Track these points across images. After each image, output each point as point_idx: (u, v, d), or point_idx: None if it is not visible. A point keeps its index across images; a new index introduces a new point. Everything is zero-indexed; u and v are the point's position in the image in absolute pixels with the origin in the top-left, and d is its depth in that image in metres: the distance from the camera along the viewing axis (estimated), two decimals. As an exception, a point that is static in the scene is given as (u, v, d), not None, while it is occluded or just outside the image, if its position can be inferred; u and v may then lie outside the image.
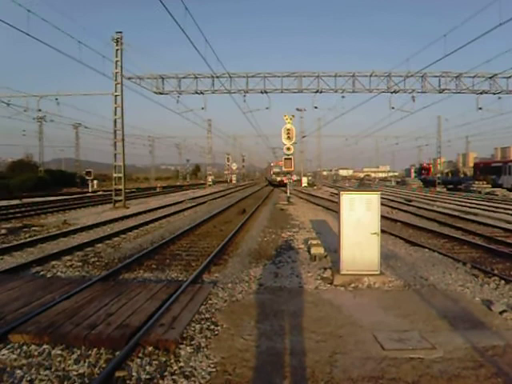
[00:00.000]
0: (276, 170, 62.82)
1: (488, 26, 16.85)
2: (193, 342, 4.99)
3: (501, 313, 6.15)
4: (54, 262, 9.74)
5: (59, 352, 4.74)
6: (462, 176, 71.63)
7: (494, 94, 30.43)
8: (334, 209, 7.61)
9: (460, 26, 19.50)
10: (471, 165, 74.94)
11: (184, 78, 30.54)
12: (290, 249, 11.33)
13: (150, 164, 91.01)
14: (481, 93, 30.61)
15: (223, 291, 7.21)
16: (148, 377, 4.18)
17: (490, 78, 29.65)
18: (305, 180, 62.63)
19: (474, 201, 30.93)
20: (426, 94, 30.86)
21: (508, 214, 21.11)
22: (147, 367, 4.37)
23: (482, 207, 25.01)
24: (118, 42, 24.01)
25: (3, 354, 4.66)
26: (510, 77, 29.45)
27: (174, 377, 4.17)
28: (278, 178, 60.39)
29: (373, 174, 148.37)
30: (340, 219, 7.78)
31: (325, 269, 8.66)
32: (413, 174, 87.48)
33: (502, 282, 8.23)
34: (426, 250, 11.46)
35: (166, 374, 4.24)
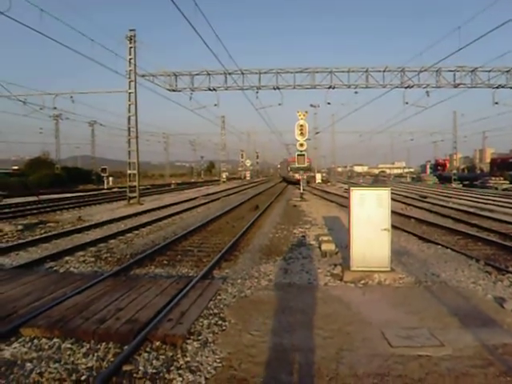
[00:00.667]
0: (294, 165, 59.03)
1: (503, 18, 16.53)
2: (200, 337, 5.02)
3: (513, 310, 6.06)
4: (67, 258, 9.88)
5: (69, 346, 4.82)
6: (478, 172, 70.59)
7: (511, 88, 29.88)
8: (348, 205, 7.57)
9: (475, 18, 19.16)
10: (488, 161, 73.80)
11: (197, 74, 30.62)
12: (301, 245, 11.31)
13: (164, 161, 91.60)
14: (497, 87, 30.10)
15: (233, 287, 7.22)
16: (154, 371, 4.22)
17: (507, 72, 29.12)
18: (319, 176, 62.28)
19: (490, 197, 30.47)
20: (440, 89, 30.48)
21: (525, 210, 20.74)
22: (154, 361, 4.41)
23: (499, 203, 24.63)
24: (131, 39, 24.17)
25: (14, 348, 4.75)
26: (527, 70, 28.89)
27: (179, 371, 4.20)
28: (297, 175, 54.15)
29: (388, 171, 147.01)
30: (350, 215, 7.73)
31: (335, 265, 8.63)
32: (428, 170, 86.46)
33: (516, 279, 8.10)
34: (439, 246, 11.33)
35: (172, 368, 4.27)
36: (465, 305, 6.33)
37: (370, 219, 7.62)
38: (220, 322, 5.55)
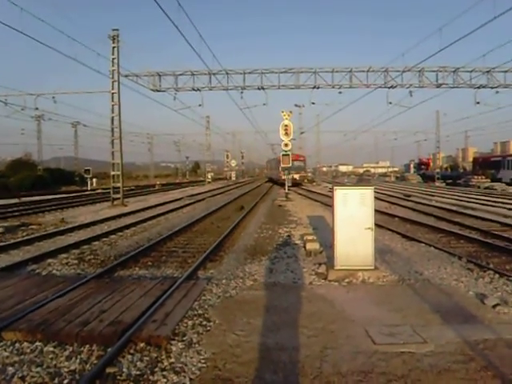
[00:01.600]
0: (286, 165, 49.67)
1: (484, 19, 16.82)
2: (184, 338, 5.01)
3: (494, 306, 6.16)
4: (49, 260, 9.75)
5: (51, 349, 4.76)
6: (461, 171, 71.61)
7: (492, 88, 30.36)
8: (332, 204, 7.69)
9: (455, 20, 19.45)
10: (471, 159, 74.94)
11: (181, 75, 30.47)
12: (286, 245, 11.34)
13: (149, 162, 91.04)
14: (478, 87, 30.55)
15: (217, 287, 7.22)
16: (138, 373, 4.19)
17: (488, 72, 29.58)
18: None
19: (472, 195, 30.94)
20: (423, 89, 30.83)
21: (506, 208, 21.12)
22: (138, 363, 4.38)
23: (481, 202, 25.02)
24: (114, 39, 23.95)
25: (-5, 352, 4.67)
26: (506, 71, 29.38)
27: (164, 373, 4.18)
28: (290, 176, 48.69)
29: (372, 170, 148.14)
30: (334, 214, 7.79)
31: (319, 264, 8.68)
32: (412, 169, 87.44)
33: (497, 275, 8.24)
34: (423, 244, 11.47)
35: (156, 369, 4.25)
36: (447, 302, 6.42)
37: (354, 218, 7.68)
38: (204, 323, 5.54)
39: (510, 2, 15.30)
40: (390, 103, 31.63)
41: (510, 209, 20.61)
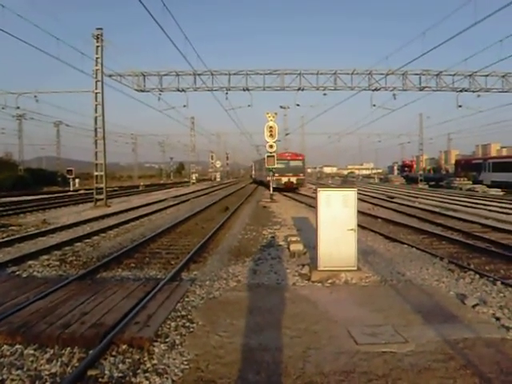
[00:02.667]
0: (281, 165, 36.51)
1: (466, 24, 17.11)
2: (167, 340, 4.99)
3: (473, 306, 6.27)
4: (30, 262, 9.60)
5: (32, 352, 4.69)
6: (443, 173, 72.58)
7: (474, 91, 30.87)
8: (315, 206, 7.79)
9: (438, 25, 19.77)
10: (453, 162, 76.03)
11: (165, 75, 30.34)
12: (270, 246, 11.37)
13: (133, 162, 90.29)
14: (460, 91, 31.03)
15: (201, 289, 7.20)
16: (120, 375, 4.16)
17: (469, 76, 30.07)
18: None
19: (454, 197, 31.39)
20: (406, 92, 31.26)
21: (487, 209, 21.48)
22: (120, 365, 4.35)
23: (463, 203, 25.41)
24: (98, 38, 23.72)
25: (-26, 355, 4.59)
26: (488, 75, 29.90)
27: (146, 374, 4.16)
28: (284, 179, 40.04)
29: (357, 171, 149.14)
30: (317, 216, 7.83)
31: (303, 265, 8.72)
32: (395, 171, 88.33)
33: (477, 276, 8.38)
34: (405, 245, 11.60)
35: (138, 371, 4.22)
36: (428, 302, 6.50)
37: (337, 220, 7.73)
38: (188, 324, 5.52)
39: (490, 9, 15.61)
40: (374, 105, 32.01)
41: (490, 210, 20.98)
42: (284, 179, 39.89)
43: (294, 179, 40.21)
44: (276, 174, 34.47)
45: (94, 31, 23.70)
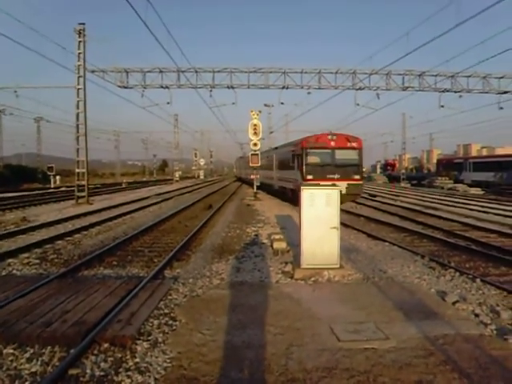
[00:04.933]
0: (316, 158, 21.83)
1: (448, 25, 17.35)
2: (150, 338, 4.96)
3: (454, 303, 6.39)
4: (10, 260, 9.43)
5: (11, 351, 4.62)
6: (426, 172, 73.47)
7: (456, 92, 31.28)
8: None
9: (421, 25, 20.03)
10: (435, 161, 77.03)
11: (149, 71, 30.05)
12: (253, 244, 11.37)
13: (115, 159, 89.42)
14: (443, 91, 31.42)
15: (184, 286, 7.18)
16: (102, 373, 4.13)
17: (452, 77, 30.47)
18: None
19: (436, 196, 31.83)
20: (390, 92, 31.50)
21: (467, 208, 21.84)
22: (102, 364, 4.31)
23: (444, 202, 25.79)
24: (80, 33, 23.39)
25: (-49, 355, 4.50)
26: (469, 76, 30.35)
27: (128, 373, 4.13)
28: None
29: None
30: (301, 214, 7.86)
31: (286, 263, 8.75)
32: (378, 170, 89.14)
33: (457, 273, 8.54)
34: (387, 243, 11.74)
35: (120, 370, 4.19)
36: (410, 299, 6.59)
37: (320, 218, 7.78)
38: (170, 322, 5.50)
39: (473, 11, 15.85)
40: (358, 105, 32.17)
41: (471, 209, 21.33)
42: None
43: (345, 183, 19.74)
44: (309, 176, 20.66)
45: (77, 26, 23.37)
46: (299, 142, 22.52)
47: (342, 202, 8.46)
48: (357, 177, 21.25)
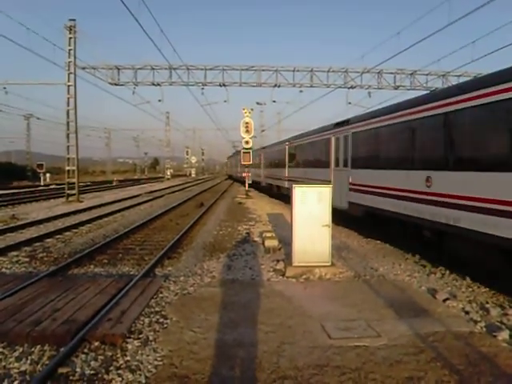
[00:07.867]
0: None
1: (439, 25, 17.42)
2: (141, 336, 4.94)
3: (444, 301, 6.43)
4: (-1, 258, 9.35)
5: (0, 350, 4.57)
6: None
7: (446, 91, 31.45)
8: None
9: (412, 25, 20.08)
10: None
11: (140, 69, 29.84)
12: (245, 242, 11.36)
13: (106, 157, 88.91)
14: (434, 90, 31.61)
15: (175, 285, 7.15)
16: (93, 372, 4.09)
17: (443, 75, 30.65)
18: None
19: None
20: (381, 90, 31.59)
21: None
22: (92, 362, 4.28)
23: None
24: (71, 30, 23.20)
25: None
26: (460, 75, 30.53)
27: (119, 371, 4.10)
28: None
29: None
30: (292, 212, 7.86)
31: (278, 261, 8.75)
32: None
33: (448, 271, 8.57)
34: (378, 241, 11.76)
35: (111, 368, 4.16)
36: (400, 297, 6.62)
37: (312, 216, 7.78)
38: (161, 320, 5.48)
39: (464, 10, 15.94)
40: (350, 103, 32.21)
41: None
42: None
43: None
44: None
45: (67, 22, 23.17)
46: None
47: None
48: None
